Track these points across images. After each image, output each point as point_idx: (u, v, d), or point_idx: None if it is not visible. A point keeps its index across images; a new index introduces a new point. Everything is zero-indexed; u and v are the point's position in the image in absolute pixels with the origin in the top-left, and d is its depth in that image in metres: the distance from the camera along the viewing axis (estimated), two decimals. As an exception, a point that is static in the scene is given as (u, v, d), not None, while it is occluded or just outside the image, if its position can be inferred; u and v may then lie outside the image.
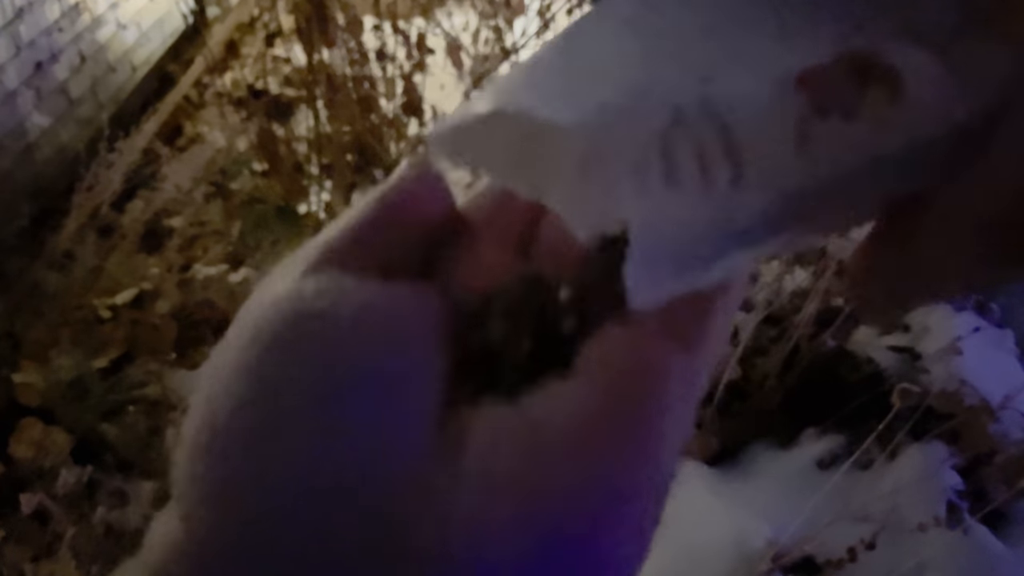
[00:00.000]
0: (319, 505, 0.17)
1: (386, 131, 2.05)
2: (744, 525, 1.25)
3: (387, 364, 0.18)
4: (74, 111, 2.21)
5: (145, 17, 2.53)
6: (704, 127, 0.18)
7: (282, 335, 0.18)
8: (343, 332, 0.19)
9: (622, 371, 0.19)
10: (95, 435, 1.52)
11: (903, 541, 1.22)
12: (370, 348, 0.19)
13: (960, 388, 1.41)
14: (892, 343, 1.52)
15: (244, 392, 0.18)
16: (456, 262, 0.23)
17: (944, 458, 1.33)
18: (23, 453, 1.52)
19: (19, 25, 2.00)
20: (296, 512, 0.17)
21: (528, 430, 0.18)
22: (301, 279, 0.20)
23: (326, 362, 0.18)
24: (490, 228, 0.23)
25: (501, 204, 0.23)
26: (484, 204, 0.24)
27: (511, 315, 0.20)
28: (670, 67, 0.19)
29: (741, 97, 0.18)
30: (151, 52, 2.56)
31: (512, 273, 0.22)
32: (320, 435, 0.18)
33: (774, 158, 0.18)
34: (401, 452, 0.18)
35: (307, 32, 1.86)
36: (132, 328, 1.73)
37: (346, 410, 0.18)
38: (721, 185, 0.18)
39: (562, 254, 0.22)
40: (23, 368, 1.63)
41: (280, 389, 0.18)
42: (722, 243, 0.19)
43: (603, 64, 0.19)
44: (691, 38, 0.19)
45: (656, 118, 0.18)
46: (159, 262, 1.90)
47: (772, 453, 1.41)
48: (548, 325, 0.20)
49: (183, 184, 2.09)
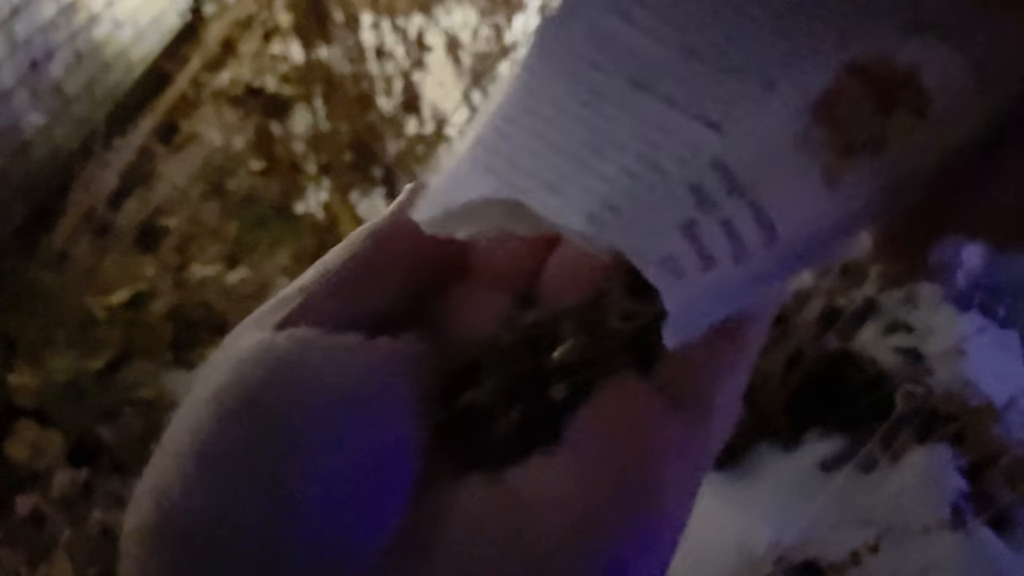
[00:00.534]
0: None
1: (384, 129, 2.04)
2: (746, 527, 1.25)
3: (357, 437, 0.17)
4: (70, 109, 2.20)
5: (141, 15, 2.52)
6: (729, 203, 0.16)
7: (240, 399, 0.17)
8: (310, 397, 0.17)
9: (616, 446, 0.17)
10: (91, 437, 1.52)
11: (907, 544, 1.22)
12: (339, 417, 0.17)
13: (964, 390, 1.41)
14: (896, 344, 1.52)
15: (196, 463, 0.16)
16: (451, 302, 0.21)
17: (948, 460, 1.33)
18: (18, 455, 1.51)
19: (14, 23, 1.99)
20: None
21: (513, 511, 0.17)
22: (272, 333, 0.18)
23: (286, 432, 0.16)
24: (489, 267, 0.21)
25: (503, 239, 0.21)
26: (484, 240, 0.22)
27: (500, 380, 0.19)
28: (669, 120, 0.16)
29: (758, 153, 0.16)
30: (147, 50, 2.55)
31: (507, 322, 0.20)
32: (270, 524, 0.16)
33: (805, 208, 0.17)
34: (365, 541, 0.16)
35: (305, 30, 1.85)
36: (128, 329, 1.72)
37: (302, 488, 0.16)
38: (755, 249, 0.16)
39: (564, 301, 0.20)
40: (18, 369, 1.63)
41: (232, 460, 0.16)
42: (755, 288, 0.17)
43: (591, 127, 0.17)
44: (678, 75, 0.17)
45: (676, 208, 0.16)
46: (155, 262, 1.89)
47: (775, 455, 1.41)
48: (538, 389, 0.18)
49: (179, 183, 2.09)
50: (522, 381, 0.19)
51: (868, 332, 1.53)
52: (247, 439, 0.16)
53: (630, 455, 0.17)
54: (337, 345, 0.18)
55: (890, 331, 1.55)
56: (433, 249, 0.20)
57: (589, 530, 0.16)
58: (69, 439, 1.52)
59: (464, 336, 0.20)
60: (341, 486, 0.16)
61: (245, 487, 0.16)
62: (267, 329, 0.18)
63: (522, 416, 0.18)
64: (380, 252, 0.20)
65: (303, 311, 0.19)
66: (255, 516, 0.16)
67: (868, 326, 1.54)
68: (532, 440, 0.18)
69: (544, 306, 0.20)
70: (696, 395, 0.18)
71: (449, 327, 0.20)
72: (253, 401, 0.17)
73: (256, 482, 0.16)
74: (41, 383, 1.60)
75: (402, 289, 0.20)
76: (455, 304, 0.21)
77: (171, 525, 0.16)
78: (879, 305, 1.58)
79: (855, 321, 1.46)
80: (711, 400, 0.18)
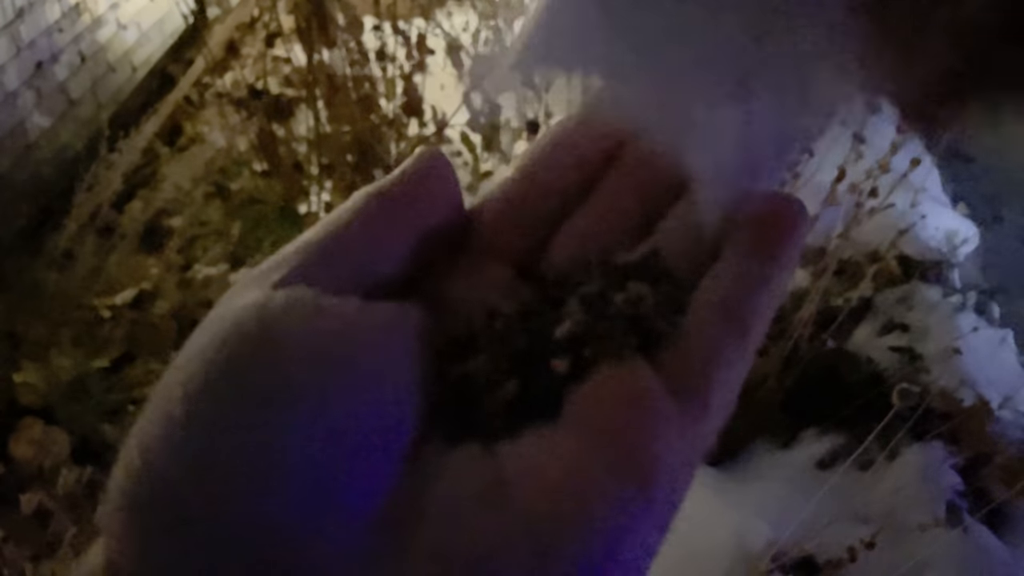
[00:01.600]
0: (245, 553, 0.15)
1: (386, 131, 2.04)
2: (744, 525, 1.25)
3: (346, 399, 0.16)
4: (74, 111, 2.21)
5: (145, 17, 2.53)
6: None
7: (232, 356, 0.16)
8: (299, 356, 0.16)
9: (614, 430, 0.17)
10: (96, 435, 1.52)
11: (903, 541, 1.22)
12: (328, 379, 0.16)
13: (960, 388, 1.41)
14: (892, 343, 1.53)
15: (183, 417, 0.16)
16: (454, 271, 0.21)
17: (944, 458, 1.33)
18: (23, 453, 1.52)
19: (19, 25, 2.00)
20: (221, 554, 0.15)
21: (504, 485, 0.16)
22: (271, 290, 0.18)
23: (273, 391, 0.16)
24: (496, 237, 0.21)
25: (511, 213, 0.21)
26: (493, 210, 0.21)
27: (498, 352, 0.18)
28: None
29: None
30: (151, 52, 2.56)
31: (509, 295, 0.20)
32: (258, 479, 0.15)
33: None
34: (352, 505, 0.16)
35: (307, 32, 1.86)
36: (132, 328, 1.73)
37: (287, 447, 0.16)
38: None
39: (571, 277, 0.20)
40: (23, 368, 1.63)
41: (218, 416, 0.16)
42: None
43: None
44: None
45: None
46: (159, 262, 1.90)
47: (772, 453, 1.41)
48: (537, 364, 0.18)
49: (183, 184, 2.09)
50: (520, 354, 0.18)
51: (864, 331, 1.54)
52: (235, 396, 0.16)
53: (627, 436, 0.17)
54: (333, 307, 0.17)
55: (886, 331, 1.56)
56: (438, 215, 0.20)
57: (579, 507, 0.16)
58: (74, 437, 1.53)
59: (465, 306, 0.20)
60: (328, 448, 0.16)
61: (229, 447, 0.16)
62: (265, 287, 0.18)
63: (519, 389, 0.18)
64: (384, 215, 0.19)
65: (302, 271, 0.18)
66: (238, 472, 0.15)
67: (864, 326, 1.55)
68: (528, 414, 0.17)
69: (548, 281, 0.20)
70: (696, 384, 0.18)
71: (451, 297, 0.20)
72: (243, 358, 0.16)
73: (240, 439, 0.16)
74: (46, 382, 1.60)
75: (404, 255, 0.20)
76: (458, 273, 0.20)
77: (153, 477, 0.16)
78: (875, 305, 1.59)
79: (851, 321, 1.46)
80: (710, 390, 0.18)
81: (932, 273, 1.68)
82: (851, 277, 1.53)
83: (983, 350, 1.51)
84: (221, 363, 0.16)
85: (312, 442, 0.16)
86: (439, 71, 2.26)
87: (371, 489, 0.16)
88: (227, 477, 0.15)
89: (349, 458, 0.16)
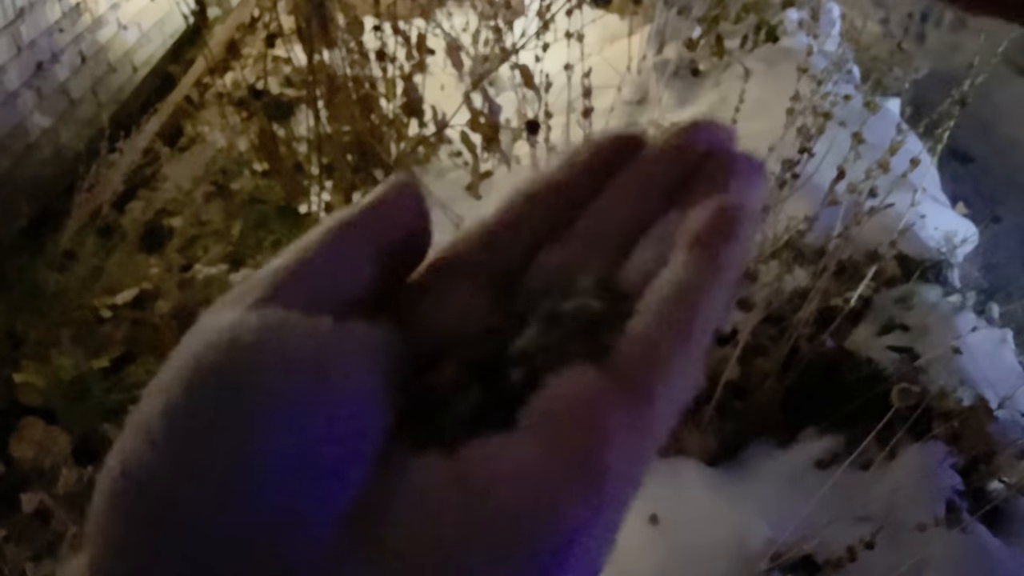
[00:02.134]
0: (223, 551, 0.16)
1: (386, 131, 2.05)
2: (743, 524, 1.25)
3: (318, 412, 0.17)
4: (75, 111, 2.21)
5: (146, 18, 2.53)
6: None
7: (210, 373, 0.17)
8: (275, 373, 0.17)
9: (565, 426, 0.18)
10: (96, 435, 1.53)
11: (902, 541, 1.22)
12: (302, 393, 0.17)
13: (959, 388, 1.41)
14: (891, 343, 1.53)
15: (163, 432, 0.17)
16: (428, 292, 0.22)
17: (943, 458, 1.33)
18: (24, 453, 1.52)
19: (20, 25, 2.01)
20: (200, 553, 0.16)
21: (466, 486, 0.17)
22: (246, 311, 0.19)
23: (250, 404, 0.17)
24: (472, 267, 0.22)
25: (489, 243, 0.23)
26: (472, 239, 0.23)
27: (462, 364, 0.20)
28: None
29: None
30: (152, 52, 2.57)
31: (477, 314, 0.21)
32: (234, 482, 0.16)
33: None
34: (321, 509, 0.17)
35: (307, 33, 1.86)
36: (132, 328, 1.73)
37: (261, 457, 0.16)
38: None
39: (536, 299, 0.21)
40: (24, 368, 1.64)
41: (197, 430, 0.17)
42: None
43: None
44: None
45: None
46: (159, 262, 1.90)
47: (771, 453, 1.41)
48: (497, 374, 0.20)
49: (183, 184, 2.10)
50: (482, 366, 0.20)
51: (864, 331, 1.54)
52: (212, 409, 0.17)
53: (578, 436, 0.18)
54: (307, 326, 0.18)
55: (885, 330, 1.56)
56: (403, 240, 0.21)
57: (539, 506, 0.17)
58: (74, 437, 1.53)
59: (436, 324, 0.21)
60: (300, 458, 0.17)
61: (206, 453, 0.16)
62: (239, 309, 0.19)
63: (479, 398, 0.19)
64: (351, 241, 0.21)
65: (276, 292, 0.19)
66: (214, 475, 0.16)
67: (864, 326, 1.55)
68: (488, 422, 0.19)
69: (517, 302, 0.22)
70: (642, 384, 0.19)
71: (423, 315, 0.21)
72: (221, 374, 0.17)
73: (217, 449, 0.16)
74: (47, 382, 1.61)
75: (372, 276, 0.21)
76: (432, 294, 0.22)
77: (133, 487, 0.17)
78: (874, 305, 1.59)
79: (851, 321, 1.46)
80: (656, 389, 0.19)
81: (931, 273, 1.68)
82: (850, 277, 1.53)
83: (982, 350, 1.51)
84: (197, 375, 0.17)
85: (286, 445, 0.17)
86: (439, 71, 2.27)
87: (341, 490, 0.17)
88: (204, 480, 0.16)
89: (321, 462, 0.17)
